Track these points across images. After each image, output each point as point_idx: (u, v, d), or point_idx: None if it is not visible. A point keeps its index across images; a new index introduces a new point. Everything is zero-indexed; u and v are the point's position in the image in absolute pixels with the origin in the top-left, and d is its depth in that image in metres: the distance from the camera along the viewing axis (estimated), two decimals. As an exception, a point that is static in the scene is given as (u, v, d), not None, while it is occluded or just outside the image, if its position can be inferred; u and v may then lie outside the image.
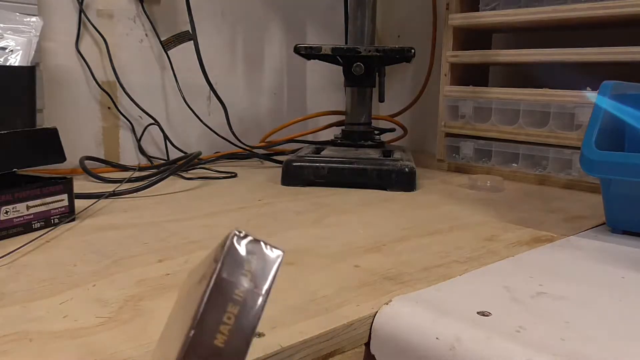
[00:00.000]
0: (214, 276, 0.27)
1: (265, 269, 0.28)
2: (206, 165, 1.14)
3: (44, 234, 0.66)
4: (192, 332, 0.26)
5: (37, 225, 0.68)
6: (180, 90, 1.18)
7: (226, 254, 0.27)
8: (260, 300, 0.27)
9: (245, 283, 0.27)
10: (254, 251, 0.28)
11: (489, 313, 0.45)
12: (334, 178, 0.98)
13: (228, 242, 0.28)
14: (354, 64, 1.05)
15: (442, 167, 1.23)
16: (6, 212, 0.64)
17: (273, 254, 0.28)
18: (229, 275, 0.27)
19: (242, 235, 0.28)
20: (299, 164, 0.99)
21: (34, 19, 0.82)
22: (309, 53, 1.07)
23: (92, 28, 1.08)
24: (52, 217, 0.69)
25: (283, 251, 0.29)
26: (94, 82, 1.09)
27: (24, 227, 0.66)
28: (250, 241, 0.28)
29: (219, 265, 0.27)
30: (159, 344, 0.33)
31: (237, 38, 1.31)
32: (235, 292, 0.27)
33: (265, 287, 0.27)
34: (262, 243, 0.28)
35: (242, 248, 0.28)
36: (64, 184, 0.71)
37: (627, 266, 0.58)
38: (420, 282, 0.53)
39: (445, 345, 0.41)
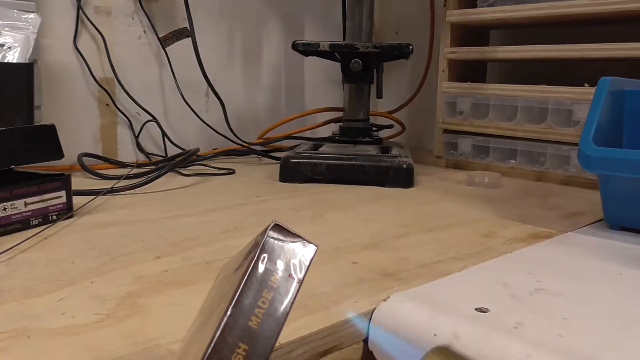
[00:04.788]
0: (252, 263, 0.29)
1: (300, 259, 0.30)
2: (204, 162, 1.14)
3: (41, 231, 0.66)
4: (229, 312, 0.27)
5: (35, 222, 0.68)
6: (178, 87, 1.18)
7: (265, 243, 0.29)
8: (293, 288, 0.29)
9: (280, 271, 0.29)
10: (290, 242, 0.30)
11: (487, 309, 0.45)
12: (332, 174, 0.98)
13: (268, 231, 0.30)
14: (352, 61, 1.05)
15: (440, 163, 1.23)
16: (4, 209, 0.64)
17: (308, 246, 0.30)
18: (266, 263, 0.29)
19: (280, 227, 0.30)
20: (297, 160, 0.99)
21: (31, 15, 0.82)
22: (306, 49, 1.07)
23: (90, 25, 1.08)
24: (50, 214, 0.69)
25: (317, 245, 0.31)
26: (92, 78, 1.09)
27: (22, 224, 0.66)
28: (288, 233, 0.30)
29: (257, 252, 0.29)
30: (189, 337, 0.34)
31: (235, 35, 1.31)
32: (270, 279, 0.29)
33: (299, 276, 0.29)
34: (298, 235, 0.31)
35: (280, 238, 0.30)
36: (62, 180, 0.71)
37: (625, 262, 0.59)
38: (418, 279, 0.53)
39: (443, 342, 0.41)
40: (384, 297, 0.48)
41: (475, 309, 0.45)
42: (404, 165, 0.96)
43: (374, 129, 1.17)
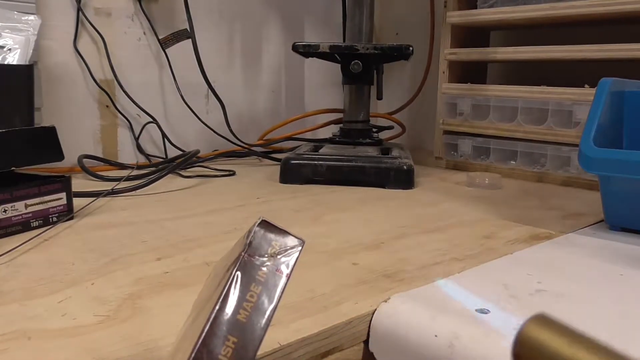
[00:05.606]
0: (240, 258, 0.29)
1: (287, 254, 0.30)
2: (204, 164, 1.14)
3: (42, 233, 0.66)
4: (217, 307, 0.28)
5: (36, 223, 0.68)
6: (178, 88, 1.18)
7: (252, 238, 0.30)
8: (281, 281, 0.29)
9: (268, 265, 0.30)
10: (277, 238, 0.30)
11: (488, 310, 0.45)
12: (332, 176, 0.98)
13: (255, 228, 0.30)
14: (352, 62, 1.05)
15: (440, 164, 1.23)
16: (4, 211, 0.64)
17: (295, 241, 0.31)
18: (254, 257, 0.30)
19: (267, 222, 0.31)
20: (298, 161, 0.99)
21: (32, 17, 0.82)
22: (307, 51, 1.07)
23: (90, 26, 1.08)
24: (50, 216, 0.69)
25: (304, 240, 0.31)
26: (92, 80, 1.09)
27: (23, 225, 0.66)
28: (275, 228, 0.31)
29: (245, 247, 0.30)
30: (181, 334, 0.34)
31: (235, 36, 1.31)
32: (258, 273, 0.29)
33: (287, 270, 0.30)
34: (285, 231, 0.31)
35: (267, 234, 0.30)
36: (62, 182, 0.71)
37: (626, 263, 0.59)
38: (419, 280, 0.53)
39: (444, 343, 0.41)
40: (384, 298, 0.48)
41: (476, 310, 0.45)
42: (404, 167, 0.96)
43: (374, 130, 1.17)
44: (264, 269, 0.29)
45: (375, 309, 0.46)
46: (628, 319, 0.45)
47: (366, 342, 0.46)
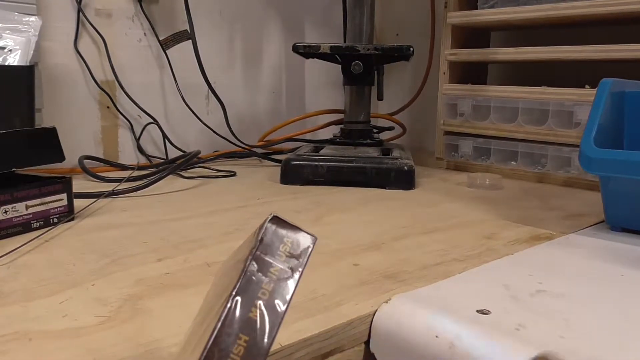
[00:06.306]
0: (252, 254, 0.29)
1: (299, 251, 0.30)
2: (205, 164, 1.14)
3: (43, 234, 0.66)
4: (229, 304, 0.27)
5: (36, 224, 0.68)
6: (179, 89, 1.18)
7: (264, 235, 0.29)
8: (293, 279, 0.29)
9: (279, 262, 0.29)
10: (289, 234, 0.30)
11: (489, 311, 0.45)
12: (333, 177, 0.98)
13: (267, 224, 0.30)
14: (353, 63, 1.05)
15: (441, 165, 1.23)
16: (5, 212, 0.64)
17: (307, 238, 0.30)
18: (265, 254, 0.29)
19: (279, 219, 0.30)
20: (298, 162, 0.99)
21: (32, 18, 0.82)
22: (307, 52, 1.07)
23: (91, 27, 1.08)
24: (51, 217, 0.69)
25: (316, 237, 0.31)
26: (92, 81, 1.09)
27: (23, 226, 0.66)
28: (287, 225, 0.30)
29: (257, 244, 0.29)
30: (189, 334, 0.34)
31: (235, 37, 1.31)
32: (270, 270, 0.29)
33: (299, 267, 0.29)
34: (297, 227, 0.30)
35: (279, 230, 0.30)
36: (63, 183, 0.71)
37: (626, 264, 0.59)
38: (420, 281, 0.53)
39: (445, 344, 0.41)
40: (385, 299, 0.48)
41: (477, 311, 0.45)
42: (405, 167, 0.96)
43: (374, 131, 1.17)
44: (276, 266, 0.29)
45: (376, 310, 0.46)
46: (628, 319, 0.45)
47: (367, 342, 0.46)
